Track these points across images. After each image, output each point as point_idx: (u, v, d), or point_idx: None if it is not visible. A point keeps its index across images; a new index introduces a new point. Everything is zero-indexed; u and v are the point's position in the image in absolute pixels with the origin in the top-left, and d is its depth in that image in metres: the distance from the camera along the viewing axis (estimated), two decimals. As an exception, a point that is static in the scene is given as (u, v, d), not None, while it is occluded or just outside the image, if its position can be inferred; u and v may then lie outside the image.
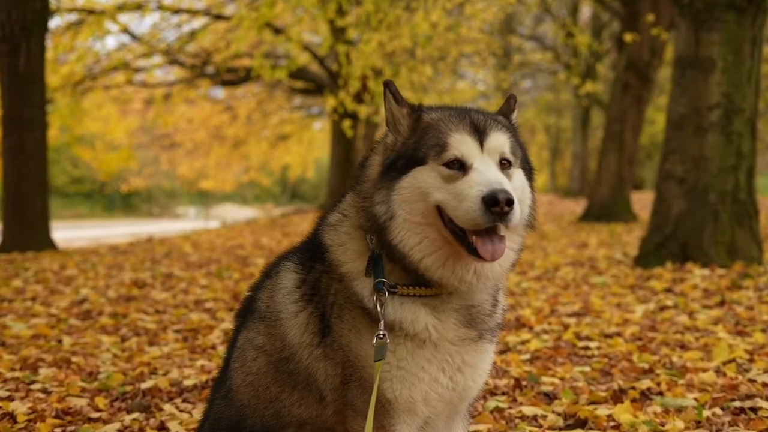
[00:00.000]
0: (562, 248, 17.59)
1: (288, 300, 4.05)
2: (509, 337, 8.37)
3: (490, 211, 3.48)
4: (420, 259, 3.72)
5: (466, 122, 3.85)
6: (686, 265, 12.30)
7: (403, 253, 3.72)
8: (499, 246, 3.61)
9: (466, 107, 4.17)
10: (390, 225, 3.73)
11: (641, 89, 25.19)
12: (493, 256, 3.58)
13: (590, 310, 9.73)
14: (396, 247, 3.72)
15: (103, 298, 11.43)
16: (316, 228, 4.20)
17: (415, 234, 3.72)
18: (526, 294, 11.06)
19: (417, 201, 3.70)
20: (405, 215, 3.71)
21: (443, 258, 3.74)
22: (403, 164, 3.77)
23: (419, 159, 3.74)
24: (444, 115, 3.91)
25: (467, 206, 3.53)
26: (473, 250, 3.60)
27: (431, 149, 3.74)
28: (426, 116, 3.91)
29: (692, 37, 12.81)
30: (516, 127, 4.17)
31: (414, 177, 3.72)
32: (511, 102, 4.26)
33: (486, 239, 3.60)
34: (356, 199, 3.97)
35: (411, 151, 3.78)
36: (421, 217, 3.71)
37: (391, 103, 3.92)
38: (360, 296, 3.84)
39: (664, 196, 13.00)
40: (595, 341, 8.16)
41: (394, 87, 3.97)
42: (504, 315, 4.21)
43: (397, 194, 3.72)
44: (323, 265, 3.99)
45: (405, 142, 3.86)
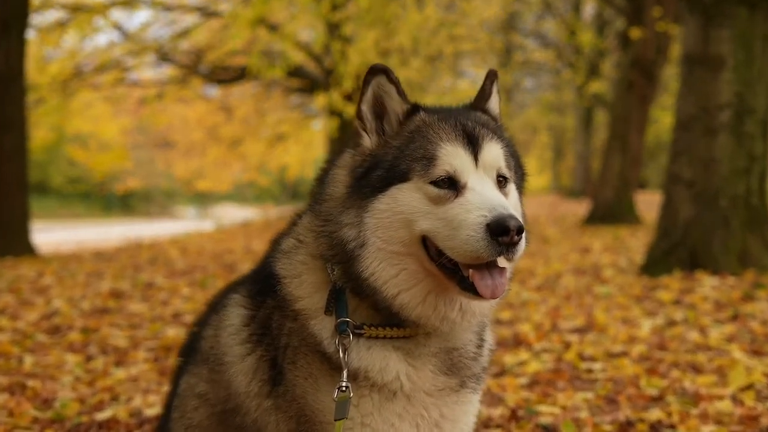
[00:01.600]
0: (564, 254, 17.04)
1: (234, 340, 3.44)
2: (506, 358, 7.77)
3: (496, 241, 2.97)
4: (395, 294, 3.17)
5: (458, 130, 3.26)
6: (695, 274, 11.68)
7: (375, 287, 3.17)
8: (500, 281, 3.09)
9: (451, 108, 3.54)
10: (360, 254, 3.16)
11: (646, 88, 24.74)
12: (493, 294, 3.06)
13: (594, 324, 9.13)
14: (366, 280, 3.17)
15: (76, 311, 10.83)
16: (268, 255, 3.56)
17: (391, 265, 3.17)
18: (525, 307, 10.44)
19: (397, 228, 3.13)
20: (380, 243, 3.14)
21: (423, 293, 3.20)
22: (380, 177, 3.18)
23: (401, 173, 3.16)
24: (433, 119, 3.30)
25: (466, 235, 3.01)
26: (468, 287, 3.09)
27: (417, 162, 3.16)
28: (419, 117, 3.31)
29: (701, 33, 12.22)
30: (503, 128, 3.56)
31: (394, 197, 3.14)
32: (487, 85, 3.61)
33: (485, 273, 3.08)
34: (315, 222, 3.36)
35: (392, 160, 3.20)
36: (400, 246, 3.15)
37: (390, 95, 3.30)
38: (318, 338, 3.26)
39: (672, 201, 12.40)
40: (599, 362, 7.55)
41: (395, 76, 3.33)
42: (491, 356, 3.59)
43: (371, 217, 3.14)
44: (275, 300, 3.38)
45: (386, 144, 3.26)
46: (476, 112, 3.50)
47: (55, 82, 25.00)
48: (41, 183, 61.72)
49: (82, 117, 39.66)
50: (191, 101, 37.13)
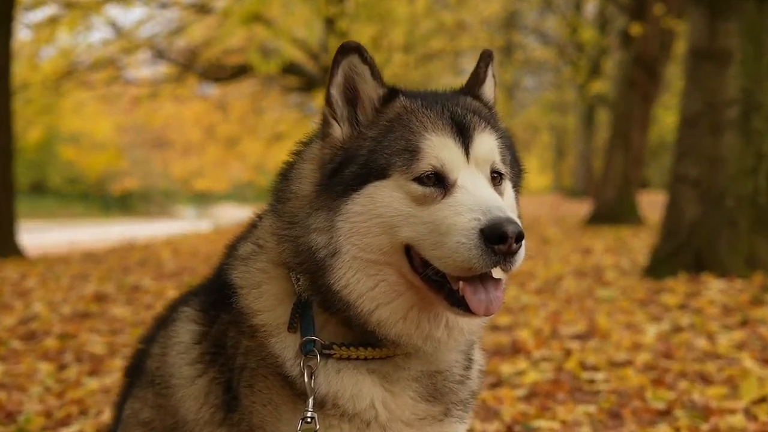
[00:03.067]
0: (565, 255, 16.64)
1: (183, 360, 3.00)
2: (503, 367, 7.33)
3: (492, 250, 2.56)
4: (372, 309, 2.76)
5: (446, 118, 2.81)
6: (701, 276, 11.24)
7: (349, 301, 2.75)
8: (495, 295, 2.69)
9: (438, 92, 3.10)
10: (332, 264, 2.72)
11: (648, 86, 24.38)
12: (487, 311, 2.66)
13: (596, 330, 8.70)
14: (339, 293, 2.75)
15: (56, 315, 10.42)
16: (223, 262, 3.12)
17: (367, 276, 2.75)
18: (524, 311, 10.00)
19: (376, 234, 2.70)
20: (355, 251, 2.71)
21: (404, 308, 2.79)
22: (355, 174, 2.73)
23: (379, 169, 2.72)
24: (416, 105, 2.85)
25: (455, 243, 2.60)
26: (458, 302, 2.69)
27: (398, 155, 2.72)
28: (398, 102, 2.86)
29: (707, 26, 11.80)
30: (498, 116, 3.11)
31: (371, 197, 2.70)
32: (481, 67, 3.17)
33: (478, 287, 2.67)
34: (277, 224, 2.91)
35: (367, 153, 2.75)
36: (379, 255, 2.72)
37: (364, 78, 2.85)
38: (280, 359, 2.82)
39: (677, 201, 11.98)
40: (601, 372, 7.13)
41: (369, 55, 2.87)
42: (481, 380, 3.14)
43: (344, 221, 2.71)
44: (230, 314, 2.93)
45: (360, 135, 2.81)
46: (467, 98, 3.07)
47: (48, 80, 24.58)
48: (39, 183, 61.40)
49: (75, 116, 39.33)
50: (188, 100, 36.75)
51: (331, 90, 2.83)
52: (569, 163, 66.93)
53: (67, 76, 25.08)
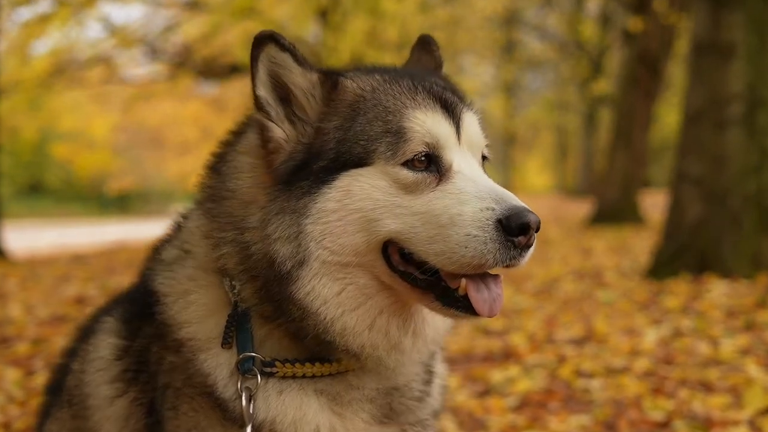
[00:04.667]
0: (565, 255, 16.31)
1: (101, 378, 2.62)
2: (493, 374, 6.95)
3: (512, 242, 2.29)
4: (337, 316, 2.43)
5: (424, 92, 2.49)
6: (704, 277, 10.90)
7: (310, 309, 2.41)
8: (497, 293, 2.43)
9: (394, 67, 2.74)
10: (299, 274, 2.35)
11: (650, 83, 24.05)
12: (492, 310, 2.39)
13: (593, 335, 8.37)
14: (300, 301, 2.41)
15: (32, 319, 10.04)
16: (147, 266, 2.72)
17: (334, 280, 2.42)
18: (519, 314, 9.62)
19: (352, 233, 2.36)
20: (326, 256, 2.35)
21: (372, 314, 2.48)
22: (324, 168, 2.37)
23: (356, 158, 2.38)
24: (382, 81, 2.51)
25: (464, 236, 2.31)
26: (456, 302, 2.40)
27: (378, 140, 2.40)
28: (351, 84, 2.50)
29: (711, 18, 11.47)
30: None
31: (347, 190, 2.36)
32: (435, 50, 2.85)
33: (480, 284, 2.39)
34: (210, 226, 2.53)
35: (335, 146, 2.40)
36: (352, 256, 2.42)
37: (288, 68, 2.49)
38: (210, 379, 2.46)
39: (679, 200, 11.65)
40: (597, 379, 6.79)
41: (288, 41, 2.49)
42: (443, 395, 2.75)
43: (315, 222, 2.35)
44: (154, 326, 2.54)
45: (318, 131, 2.44)
46: (434, 75, 2.71)
47: (38, 78, 24.17)
48: (36, 183, 61.11)
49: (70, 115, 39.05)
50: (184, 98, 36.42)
51: (257, 92, 2.48)
52: (572, 162, 66.59)
53: (59, 74, 24.68)
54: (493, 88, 51.86)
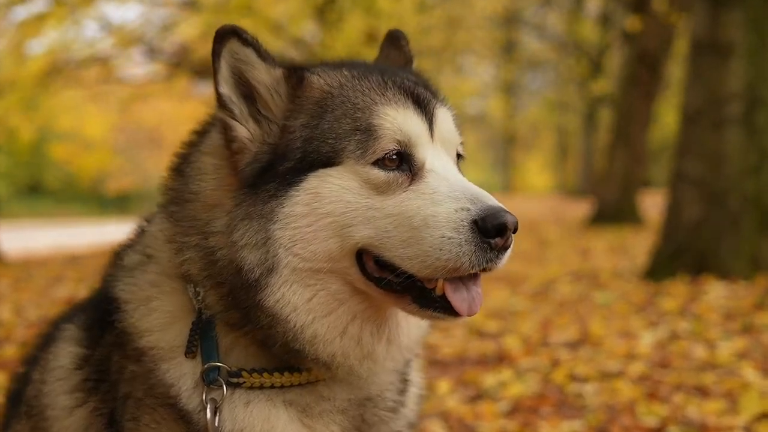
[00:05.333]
0: (563, 256, 16.19)
1: (61, 388, 2.50)
2: (486, 378, 6.82)
3: (488, 244, 2.20)
4: (307, 323, 2.32)
5: (394, 88, 2.39)
6: (702, 279, 10.79)
7: (280, 316, 2.30)
8: (477, 292, 2.34)
9: (358, 61, 2.64)
10: (267, 281, 2.28)
11: (650, 82, 23.94)
12: (471, 309, 2.31)
13: (588, 337, 8.25)
14: (269, 308, 2.30)
15: (21, 321, 9.92)
16: (108, 271, 2.61)
17: (305, 286, 2.32)
18: (514, 317, 9.50)
19: (324, 239, 2.26)
20: (297, 262, 2.24)
21: (344, 320, 2.37)
22: (291, 169, 2.27)
23: (324, 158, 2.27)
24: (350, 76, 2.41)
25: (438, 238, 2.21)
26: (433, 304, 2.31)
27: (347, 138, 2.30)
28: (317, 80, 2.38)
29: (710, 17, 11.36)
30: None
31: (316, 192, 2.26)
32: (405, 46, 2.74)
33: (458, 283, 2.30)
34: (173, 230, 2.42)
35: (302, 145, 2.29)
36: (324, 262, 2.31)
37: (252, 64, 2.38)
38: (173, 390, 2.35)
39: (678, 200, 11.54)
40: (591, 383, 6.68)
41: (251, 35, 2.37)
42: (420, 405, 2.64)
43: (284, 228, 2.24)
44: (114, 335, 2.42)
45: (284, 129, 2.33)
46: (405, 70, 2.60)
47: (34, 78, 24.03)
48: (36, 184, 61.00)
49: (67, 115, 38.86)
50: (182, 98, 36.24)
51: (219, 89, 2.37)
52: (572, 162, 66.52)
53: (55, 74, 24.56)
54: (493, 88, 51.71)
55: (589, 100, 39.45)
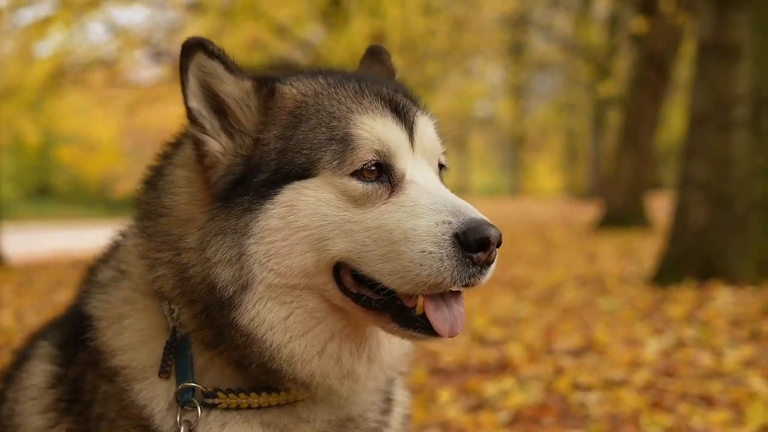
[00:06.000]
0: (569, 259, 16.04)
1: (34, 407, 2.44)
2: (487, 386, 6.70)
3: (470, 259, 2.10)
4: (284, 343, 2.23)
5: (371, 96, 2.30)
6: (709, 284, 10.64)
7: (254, 336, 2.22)
8: (459, 311, 2.23)
9: (334, 69, 2.54)
10: (242, 299, 2.20)
11: (658, 84, 23.81)
12: (452, 330, 2.20)
13: (593, 345, 8.12)
14: (243, 327, 2.21)
15: (22, 326, 9.83)
16: (81, 288, 2.52)
17: (281, 304, 2.23)
18: (518, 323, 9.38)
19: (300, 253, 2.18)
20: (272, 278, 2.21)
21: (323, 338, 2.28)
22: (264, 181, 2.18)
23: (299, 169, 2.18)
24: (326, 84, 2.32)
25: (418, 252, 2.12)
26: (413, 323, 2.21)
27: (323, 148, 2.21)
28: (290, 90, 2.30)
29: (716, 18, 11.23)
30: None
31: (291, 205, 2.17)
32: (386, 59, 2.64)
33: (440, 302, 2.20)
34: (146, 245, 2.34)
35: (277, 156, 2.21)
36: (300, 278, 2.22)
37: (219, 77, 2.30)
38: (146, 411, 2.27)
39: (684, 204, 11.40)
40: (594, 392, 6.55)
41: (217, 47, 2.27)
42: (406, 425, 2.55)
43: (258, 242, 2.16)
44: (87, 353, 2.35)
45: (257, 142, 2.24)
46: (385, 80, 2.50)
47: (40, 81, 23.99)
48: (44, 187, 61.10)
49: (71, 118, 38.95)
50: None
51: (188, 104, 2.29)
52: (580, 164, 66.48)
53: (61, 77, 24.52)
54: (501, 91, 51.60)
55: (597, 102, 39.30)
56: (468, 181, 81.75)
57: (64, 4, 21.73)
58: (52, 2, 21.92)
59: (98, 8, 22.96)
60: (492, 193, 74.29)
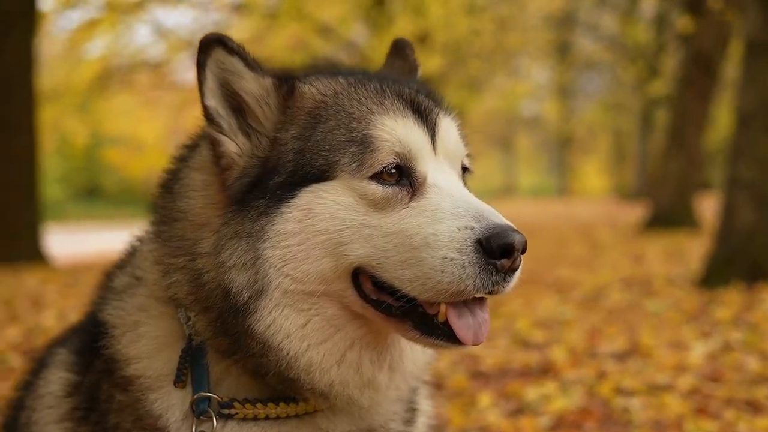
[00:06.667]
0: (615, 261, 15.83)
1: (50, 416, 2.39)
2: (528, 390, 6.59)
3: (494, 266, 2.01)
4: (301, 351, 2.15)
5: (393, 96, 2.23)
6: (757, 286, 10.48)
7: (271, 344, 2.14)
8: (484, 318, 2.14)
9: (357, 69, 2.47)
10: (257, 305, 2.13)
11: (705, 84, 23.42)
12: (477, 338, 2.11)
13: (638, 348, 7.98)
14: (260, 335, 2.14)
15: (64, 327, 9.79)
16: (98, 294, 2.48)
17: (298, 311, 2.15)
18: (561, 326, 9.25)
19: (317, 258, 2.13)
20: (288, 284, 2.13)
21: (343, 347, 2.20)
22: (281, 183, 2.11)
23: (316, 171, 2.11)
24: (346, 84, 2.26)
25: (439, 259, 2.03)
26: (436, 331, 2.13)
27: (342, 150, 2.14)
28: (309, 89, 2.23)
29: (763, 18, 11.07)
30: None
31: (308, 209, 2.10)
32: (410, 54, 2.57)
33: (463, 309, 2.11)
34: (161, 251, 2.27)
35: (294, 158, 2.14)
36: (317, 284, 2.15)
37: (239, 74, 2.22)
38: (161, 421, 2.21)
39: (731, 205, 11.23)
40: (638, 397, 6.41)
41: (236, 43, 2.20)
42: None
43: (274, 247, 2.09)
44: (103, 361, 2.29)
45: (275, 141, 2.18)
46: (408, 79, 2.44)
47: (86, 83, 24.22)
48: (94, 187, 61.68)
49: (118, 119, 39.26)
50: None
51: (205, 102, 2.22)
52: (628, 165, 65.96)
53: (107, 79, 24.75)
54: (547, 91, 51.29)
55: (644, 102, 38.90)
56: (514, 181, 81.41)
57: (110, 7, 21.92)
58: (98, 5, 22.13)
59: (144, 10, 23.14)
60: (538, 194, 73.91)
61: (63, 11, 21.62)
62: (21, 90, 17.10)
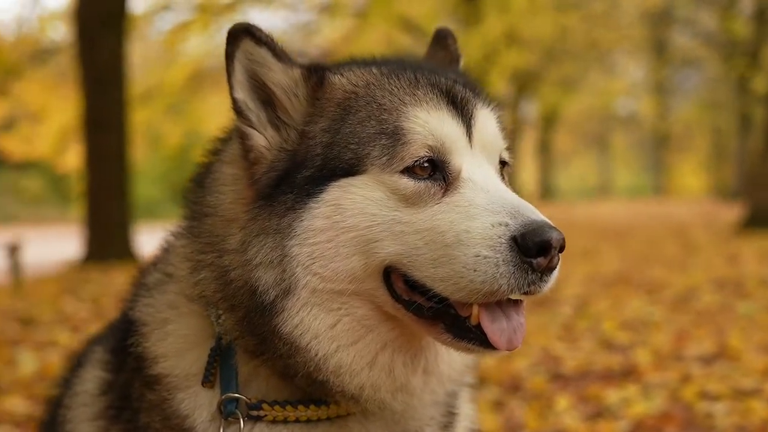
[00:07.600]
0: (709, 262, 15.45)
1: (84, 414, 2.34)
2: (609, 393, 6.43)
3: (530, 265, 1.89)
4: (331, 353, 2.06)
5: (428, 86, 2.12)
6: None
7: (299, 345, 2.05)
8: (519, 322, 2.02)
9: (392, 58, 2.37)
10: (284, 305, 2.04)
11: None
12: (511, 343, 1.98)
13: (725, 351, 7.72)
14: (288, 335, 2.05)
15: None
16: (131, 292, 2.40)
17: (327, 311, 2.06)
18: (648, 327, 9.01)
19: (347, 256, 2.04)
20: (316, 283, 2.03)
21: (374, 349, 2.10)
22: (309, 178, 2.03)
23: (345, 165, 2.03)
24: (379, 75, 2.16)
25: (472, 257, 1.92)
26: (468, 334, 2.01)
27: (372, 143, 2.07)
28: (339, 80, 2.14)
29: None
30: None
31: (337, 204, 2.02)
32: (451, 44, 2.46)
33: (498, 313, 2.00)
34: (192, 247, 2.21)
35: (323, 151, 2.05)
36: (347, 283, 2.05)
37: (267, 65, 2.15)
38: (188, 421, 2.16)
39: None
40: (722, 402, 6.20)
41: (265, 33, 2.14)
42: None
43: (301, 244, 2.01)
44: (133, 360, 2.24)
45: (303, 134, 2.09)
46: (446, 69, 2.33)
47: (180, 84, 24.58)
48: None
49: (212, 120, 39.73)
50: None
51: (234, 94, 2.14)
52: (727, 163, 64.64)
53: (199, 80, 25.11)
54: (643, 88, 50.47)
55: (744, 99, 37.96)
56: (610, 181, 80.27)
57: (203, 9, 22.20)
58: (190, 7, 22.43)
59: (235, 11, 23.37)
60: (634, 194, 72.77)
61: (156, 14, 21.95)
62: (113, 90, 17.43)
